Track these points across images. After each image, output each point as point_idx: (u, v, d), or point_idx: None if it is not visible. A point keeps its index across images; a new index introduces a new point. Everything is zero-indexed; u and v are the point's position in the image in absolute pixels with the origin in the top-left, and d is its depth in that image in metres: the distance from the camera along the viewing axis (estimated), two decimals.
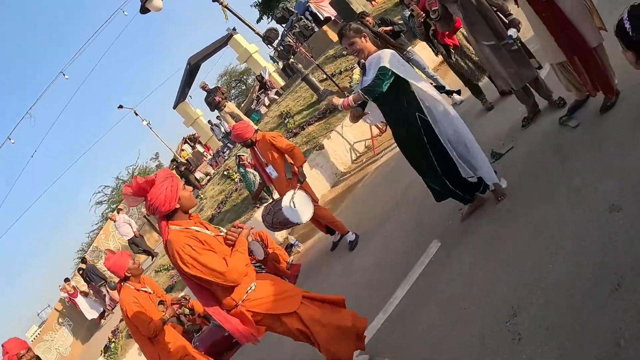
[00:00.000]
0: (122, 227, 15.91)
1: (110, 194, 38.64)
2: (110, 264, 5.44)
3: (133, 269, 5.38)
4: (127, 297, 5.20)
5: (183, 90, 26.13)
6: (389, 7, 15.18)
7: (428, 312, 4.04)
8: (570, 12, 4.20)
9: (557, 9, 4.22)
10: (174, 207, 3.39)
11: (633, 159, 3.64)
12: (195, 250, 3.28)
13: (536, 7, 4.33)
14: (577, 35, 4.25)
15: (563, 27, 4.27)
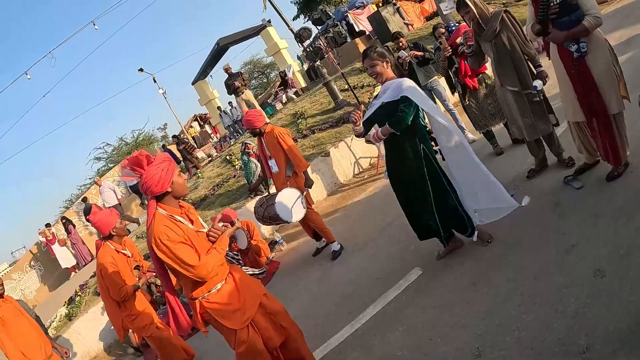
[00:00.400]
0: (106, 193, 15.83)
1: (109, 153, 38.47)
2: (97, 219, 5.33)
3: (119, 229, 5.36)
4: (105, 256, 5.19)
5: (205, 68, 26.21)
6: (425, 34, 15.24)
7: (394, 336, 4.04)
8: (598, 74, 4.23)
9: (586, 69, 4.25)
10: (166, 190, 3.42)
11: (628, 229, 3.66)
12: (171, 240, 3.31)
13: (566, 64, 4.35)
14: (599, 99, 4.27)
15: (588, 88, 4.28)
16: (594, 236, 3.82)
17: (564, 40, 4.23)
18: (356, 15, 21.16)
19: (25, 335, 4.27)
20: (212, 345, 5.92)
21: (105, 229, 5.26)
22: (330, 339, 4.55)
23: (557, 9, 4.13)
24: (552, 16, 4.17)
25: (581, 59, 4.22)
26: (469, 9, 5.02)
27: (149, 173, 3.36)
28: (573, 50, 4.20)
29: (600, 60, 4.23)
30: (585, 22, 4.09)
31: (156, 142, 38.88)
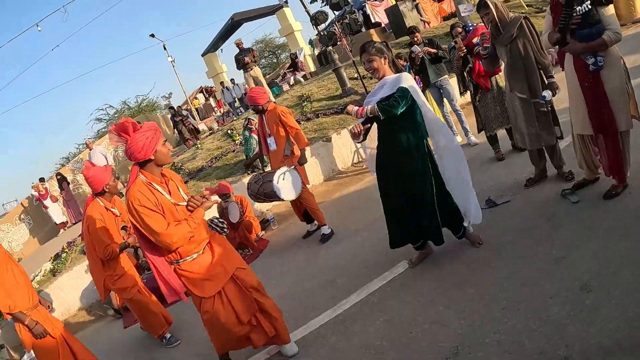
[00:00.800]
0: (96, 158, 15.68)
1: (111, 115, 38.27)
2: (91, 175, 5.27)
3: (112, 186, 5.32)
4: (94, 211, 5.15)
5: (217, 42, 26.09)
6: (440, 33, 15.18)
7: (375, 325, 4.04)
8: (610, 89, 4.21)
9: (599, 83, 4.23)
10: (149, 158, 3.52)
11: (618, 248, 3.67)
12: (142, 205, 3.43)
13: (580, 76, 4.33)
14: (610, 115, 4.25)
15: (600, 103, 4.27)
16: (585, 250, 3.83)
17: (581, 51, 4.20)
18: (373, 7, 21.08)
19: (13, 281, 4.25)
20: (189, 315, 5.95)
21: (98, 185, 5.22)
22: (311, 320, 4.55)
23: (579, 20, 4.09)
24: (573, 26, 4.13)
25: (596, 73, 4.20)
26: (489, 10, 4.99)
27: (134, 139, 3.45)
28: (590, 63, 4.17)
29: (615, 76, 4.21)
30: (605, 36, 4.06)
31: (159, 109, 38.75)
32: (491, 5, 4.98)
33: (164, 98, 42.14)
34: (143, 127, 3.52)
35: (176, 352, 5.29)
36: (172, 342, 5.47)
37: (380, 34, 18.95)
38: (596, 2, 4.08)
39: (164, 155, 3.60)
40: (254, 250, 7.57)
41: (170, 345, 5.47)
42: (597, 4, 4.09)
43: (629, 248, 3.61)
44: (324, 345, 4.09)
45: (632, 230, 3.83)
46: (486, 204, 5.38)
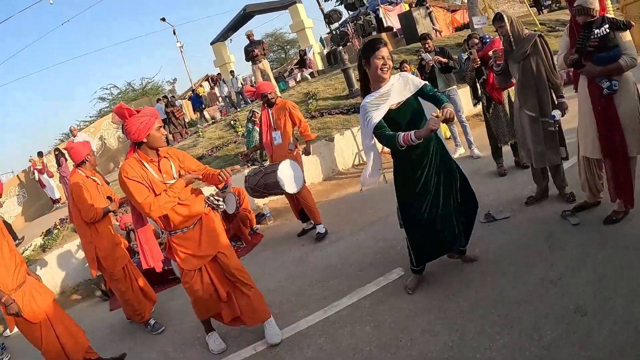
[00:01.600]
0: None
1: (115, 95, 38.19)
2: (72, 146, 5.58)
3: (92, 158, 5.53)
4: (76, 180, 5.31)
5: (227, 31, 26.01)
6: (451, 43, 15.16)
7: (364, 330, 4.01)
8: (623, 113, 4.19)
9: (612, 107, 4.21)
10: (141, 140, 3.89)
11: (616, 275, 3.64)
12: (128, 176, 3.82)
13: (594, 99, 4.31)
14: (621, 139, 4.23)
15: (611, 126, 4.25)
16: (581, 275, 3.80)
17: (598, 75, 4.18)
18: (387, 11, 21.10)
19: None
20: (180, 302, 5.93)
21: (78, 156, 5.43)
22: (300, 320, 4.51)
23: (596, 43, 4.08)
24: (590, 49, 4.12)
25: (609, 97, 4.19)
26: (503, 24, 4.98)
27: (130, 122, 3.83)
28: (604, 87, 4.15)
29: (628, 101, 4.20)
30: (622, 60, 4.06)
31: (162, 93, 38.71)
32: (506, 20, 4.96)
33: (169, 83, 42.12)
34: (141, 112, 3.87)
35: (161, 338, 5.24)
36: (157, 329, 5.45)
37: (392, 39, 18.94)
38: (614, 27, 4.09)
39: (156, 139, 3.93)
40: (248, 244, 7.54)
41: (155, 331, 5.44)
42: (615, 29, 4.10)
43: (624, 278, 3.59)
44: (311, 346, 4.06)
45: (629, 259, 3.80)
46: (485, 218, 5.35)
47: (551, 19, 18.24)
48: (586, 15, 4.09)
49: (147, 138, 3.88)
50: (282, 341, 4.26)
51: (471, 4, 15.81)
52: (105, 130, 21.26)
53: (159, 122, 3.95)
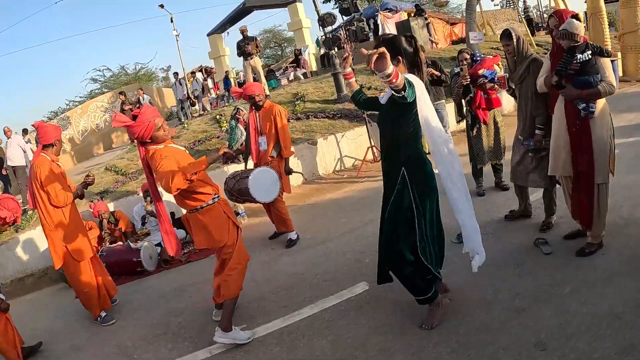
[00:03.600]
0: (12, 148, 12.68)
1: (107, 78, 37.84)
2: (44, 125, 5.45)
3: (59, 144, 5.41)
4: (43, 163, 5.20)
5: (225, 24, 25.83)
6: (446, 56, 15.14)
7: (321, 343, 3.93)
8: (596, 139, 4.25)
9: (587, 130, 4.26)
10: (147, 140, 4.14)
11: (581, 310, 3.57)
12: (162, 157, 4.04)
13: (570, 121, 4.36)
14: (590, 164, 4.29)
15: (582, 149, 4.31)
16: (546, 307, 3.72)
17: (576, 97, 4.22)
18: (386, 18, 21.08)
19: None
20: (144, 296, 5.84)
21: (48, 137, 5.30)
22: (258, 327, 4.42)
23: (577, 67, 4.13)
24: (571, 72, 4.15)
25: (585, 120, 4.24)
26: (510, 42, 4.97)
27: (133, 128, 4.08)
28: (580, 108, 4.21)
29: (601, 127, 4.28)
30: (601, 87, 4.12)
31: (155, 80, 38.47)
32: (514, 38, 4.94)
33: (162, 70, 41.84)
34: (141, 115, 4.09)
35: (122, 331, 5.12)
36: (107, 321, 5.39)
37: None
38: (596, 53, 4.15)
39: (159, 137, 4.16)
40: None
41: (105, 323, 5.38)
42: (597, 54, 4.16)
43: (590, 314, 3.51)
44: (266, 354, 3.97)
45: (595, 296, 3.74)
46: (457, 238, 5.26)
47: (548, 40, 18.23)
48: (570, 40, 4.12)
49: (151, 138, 4.14)
50: (239, 346, 4.17)
51: (470, 18, 15.78)
52: (92, 113, 21.01)
53: (160, 121, 4.17)
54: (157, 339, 4.71)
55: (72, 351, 4.90)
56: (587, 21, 15.46)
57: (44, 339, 5.26)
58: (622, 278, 3.91)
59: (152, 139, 4.15)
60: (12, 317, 4.88)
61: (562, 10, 4.53)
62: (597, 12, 15.44)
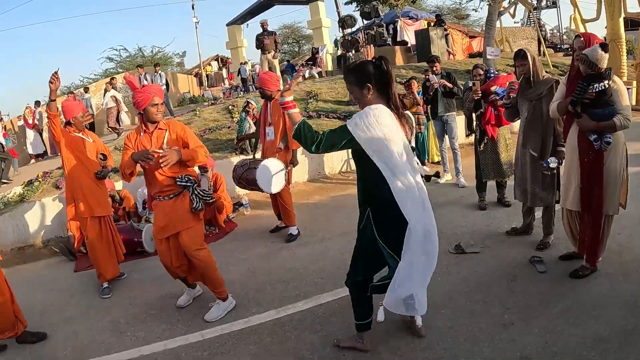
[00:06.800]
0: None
1: (123, 58, 37.98)
2: (65, 104, 5.73)
3: (77, 121, 5.63)
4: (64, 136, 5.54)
5: (245, 16, 25.90)
6: (460, 68, 15.20)
7: (311, 337, 4.00)
8: (608, 171, 4.20)
9: (600, 162, 4.21)
10: (140, 112, 4.45)
11: (568, 331, 3.63)
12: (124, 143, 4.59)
13: (582, 152, 4.32)
14: (599, 196, 4.25)
15: (593, 181, 4.27)
16: (535, 323, 3.79)
17: (592, 129, 4.16)
18: (405, 24, 21.10)
19: None
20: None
21: (67, 114, 5.63)
22: (252, 316, 4.51)
23: (592, 97, 4.07)
24: (585, 101, 4.10)
25: (600, 152, 4.19)
26: (526, 62, 4.98)
27: (135, 95, 4.42)
28: (592, 140, 4.16)
29: (615, 160, 4.22)
30: (616, 119, 4.05)
31: (171, 65, 38.58)
32: (529, 58, 4.97)
33: (178, 56, 41.96)
34: (146, 87, 4.45)
35: (115, 308, 5.20)
36: (105, 294, 5.56)
37: (404, 53, 18.97)
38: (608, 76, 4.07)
39: (150, 113, 4.41)
40: (220, 231, 7.51)
41: (103, 295, 5.55)
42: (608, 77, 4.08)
43: (577, 335, 3.58)
44: (257, 343, 4.04)
45: (586, 317, 3.80)
46: (455, 249, 5.37)
47: (565, 62, 18.27)
48: (589, 67, 4.06)
49: (143, 111, 4.40)
50: (232, 332, 4.27)
51: (488, 34, 15.84)
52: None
53: (158, 100, 4.40)
54: (151, 318, 4.79)
55: (64, 323, 4.97)
56: None
57: (37, 308, 5.38)
58: (612, 303, 3.97)
59: (145, 112, 4.40)
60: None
61: (591, 35, 4.41)
62: (616, 39, 15.41)
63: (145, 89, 4.43)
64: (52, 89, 5.09)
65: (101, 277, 5.66)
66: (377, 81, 3.20)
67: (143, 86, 4.53)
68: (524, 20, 32.25)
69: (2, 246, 7.89)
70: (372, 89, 3.20)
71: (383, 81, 3.21)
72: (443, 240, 5.59)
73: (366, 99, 3.21)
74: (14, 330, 4.46)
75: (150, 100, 4.35)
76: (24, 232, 8.12)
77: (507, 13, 19.86)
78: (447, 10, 38.76)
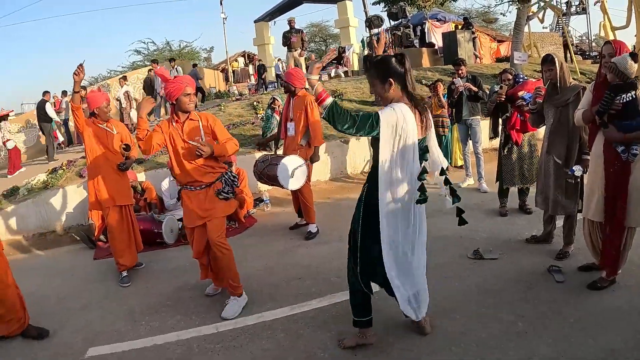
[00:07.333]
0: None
1: (150, 51, 38.36)
2: (90, 95, 5.87)
3: (101, 111, 5.74)
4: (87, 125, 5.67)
5: (273, 13, 26.00)
6: (486, 72, 15.08)
7: (324, 336, 4.01)
8: (633, 181, 4.12)
9: (626, 172, 4.13)
10: (173, 102, 4.54)
11: (581, 342, 3.59)
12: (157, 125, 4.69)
13: (608, 162, 4.23)
14: (623, 207, 4.17)
15: (618, 192, 4.19)
16: (547, 332, 3.76)
17: (619, 141, 4.09)
18: (433, 26, 21.02)
19: None
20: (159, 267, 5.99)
21: (92, 104, 5.72)
22: (266, 311, 4.55)
23: (619, 108, 3.99)
24: (612, 112, 4.02)
25: (627, 162, 4.11)
26: (553, 67, 4.94)
27: (167, 85, 4.50)
28: (619, 152, 4.09)
29: None
30: None
31: (198, 60, 38.84)
32: (557, 63, 4.93)
33: (205, 51, 42.25)
34: (178, 78, 4.57)
35: (131, 296, 5.30)
36: (125, 282, 5.66)
37: (431, 55, 18.88)
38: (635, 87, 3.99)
39: (182, 103, 4.50)
40: (240, 226, 7.56)
41: (122, 284, 5.63)
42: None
43: (590, 346, 3.53)
44: (269, 339, 4.07)
45: (598, 329, 3.74)
46: (473, 254, 5.34)
47: (593, 70, 18.02)
48: (617, 76, 3.99)
49: (176, 101, 4.48)
50: (245, 327, 4.30)
51: (516, 38, 15.69)
52: (133, 84, 21.29)
53: (190, 89, 4.49)
54: (166, 309, 4.85)
55: (80, 310, 5.06)
56: None
57: (55, 294, 5.52)
58: (628, 317, 3.91)
59: (177, 102, 4.48)
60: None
61: (622, 43, 4.30)
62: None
63: (177, 79, 4.52)
64: (76, 80, 5.21)
65: (120, 265, 5.75)
66: (398, 76, 3.30)
67: (175, 77, 4.59)
68: (553, 25, 31.87)
69: (25, 231, 8.04)
70: (394, 83, 3.30)
71: (404, 79, 3.31)
72: (460, 245, 5.64)
73: (387, 93, 3.34)
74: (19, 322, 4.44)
75: (183, 90, 4.43)
76: (46, 219, 8.27)
77: (536, 18, 19.64)
78: (475, 14, 38.58)
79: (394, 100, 3.31)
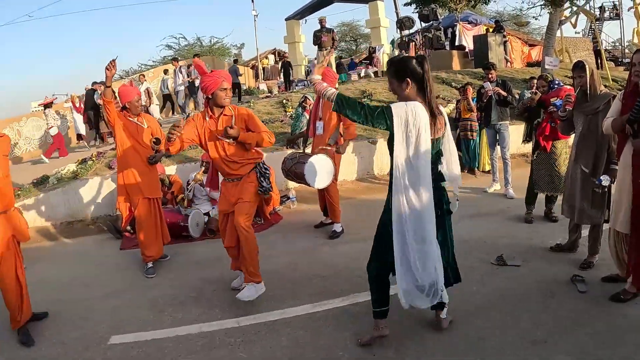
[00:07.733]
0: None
1: (181, 47, 38.70)
2: (121, 89, 5.95)
3: (132, 105, 5.82)
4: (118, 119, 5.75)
5: (304, 11, 26.02)
6: (517, 77, 14.94)
7: (342, 335, 4.04)
8: None
9: None
10: (208, 96, 4.58)
11: (599, 352, 3.56)
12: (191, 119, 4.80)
13: (636, 168, 4.17)
14: None
15: None
16: (565, 342, 3.73)
17: None
18: (464, 29, 20.86)
19: None
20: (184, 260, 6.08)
21: (123, 98, 5.82)
22: (288, 308, 4.60)
23: None
24: None
25: None
26: (584, 74, 4.90)
27: (202, 80, 4.57)
28: None
29: None
30: None
31: (229, 56, 39.07)
32: (588, 70, 4.88)
33: (236, 48, 42.48)
34: (215, 72, 4.61)
35: (157, 287, 5.42)
36: (150, 273, 5.80)
37: (462, 58, 18.77)
38: None
39: (218, 97, 4.55)
40: (265, 222, 7.62)
41: (147, 275, 5.77)
42: None
43: (607, 358, 3.50)
44: (289, 335, 4.12)
45: (616, 341, 3.71)
46: (496, 260, 5.33)
47: (625, 77, 17.72)
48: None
49: (212, 95, 4.53)
50: (267, 322, 4.36)
51: (548, 42, 15.52)
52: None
53: (227, 84, 4.57)
54: (189, 301, 4.96)
55: (104, 298, 5.19)
56: None
57: (81, 281, 5.69)
58: None
59: (213, 96, 4.53)
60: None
61: None
62: None
63: (214, 73, 4.58)
64: (107, 75, 5.34)
65: (146, 256, 5.87)
66: (416, 77, 3.37)
67: (212, 71, 4.66)
68: (586, 31, 31.39)
69: (53, 219, 8.23)
70: (411, 83, 3.37)
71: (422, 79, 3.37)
72: (483, 250, 5.62)
73: (404, 92, 3.42)
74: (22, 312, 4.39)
75: (220, 84, 4.49)
76: (75, 208, 8.47)
77: (569, 23, 19.36)
78: (507, 17, 38.14)
79: (410, 99, 3.37)
